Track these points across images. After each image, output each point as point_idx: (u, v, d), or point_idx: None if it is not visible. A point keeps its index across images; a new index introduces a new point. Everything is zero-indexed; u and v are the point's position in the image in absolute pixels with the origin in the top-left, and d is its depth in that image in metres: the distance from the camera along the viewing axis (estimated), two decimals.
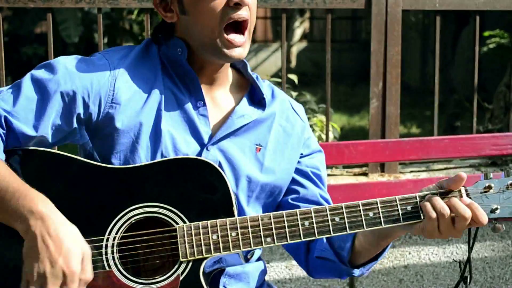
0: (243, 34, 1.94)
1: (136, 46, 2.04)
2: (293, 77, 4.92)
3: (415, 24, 13.35)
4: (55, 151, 1.89)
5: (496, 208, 1.83)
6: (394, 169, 3.88)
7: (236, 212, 1.86)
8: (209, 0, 1.89)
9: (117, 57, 1.97)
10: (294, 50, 16.78)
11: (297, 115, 2.17)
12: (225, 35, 1.91)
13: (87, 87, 1.89)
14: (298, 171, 2.13)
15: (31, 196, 1.70)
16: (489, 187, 1.85)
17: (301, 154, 2.15)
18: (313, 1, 3.77)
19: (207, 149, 1.97)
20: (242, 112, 2.03)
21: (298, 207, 2.06)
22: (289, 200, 2.12)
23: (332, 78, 3.92)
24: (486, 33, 9.62)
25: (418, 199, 1.85)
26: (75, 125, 1.91)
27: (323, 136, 4.38)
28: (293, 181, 2.13)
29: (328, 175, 3.84)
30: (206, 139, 1.98)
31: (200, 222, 1.83)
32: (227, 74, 2.09)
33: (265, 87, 2.13)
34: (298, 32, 16.87)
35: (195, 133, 1.98)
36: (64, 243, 1.65)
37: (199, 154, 1.96)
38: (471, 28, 9.83)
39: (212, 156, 1.97)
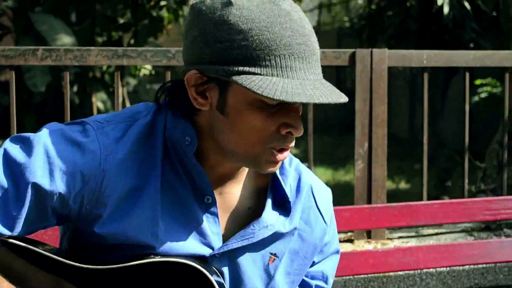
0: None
1: (141, 117, 1.74)
2: None
3: (402, 72, 13.49)
4: (23, 244, 1.70)
5: None
6: (381, 235, 3.88)
7: None
8: (259, 118, 1.58)
9: (113, 138, 1.68)
10: None
11: (320, 215, 1.87)
12: (272, 154, 1.62)
13: (68, 183, 1.63)
14: (302, 283, 1.91)
15: None
16: None
17: (313, 262, 1.90)
18: None
19: (215, 256, 1.74)
20: (267, 222, 1.76)
21: None
22: None
23: (317, 129, 3.94)
24: (478, 82, 9.73)
25: None
26: (50, 218, 1.69)
27: None
28: None
29: None
30: (215, 243, 1.74)
31: None
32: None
33: (291, 174, 1.83)
34: None
35: (202, 236, 1.73)
36: None
37: (206, 261, 1.74)
38: (461, 78, 9.96)
39: (218, 266, 1.75)
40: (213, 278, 1.68)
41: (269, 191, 1.78)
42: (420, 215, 3.52)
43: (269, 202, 1.77)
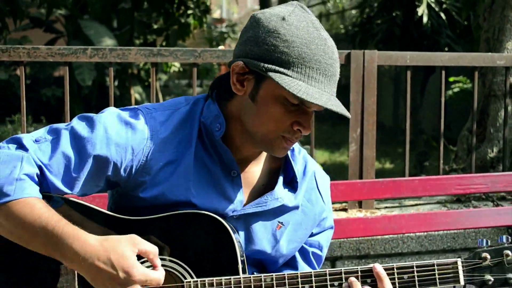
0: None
1: (182, 106, 1.86)
2: None
3: (388, 71, 13.44)
4: (80, 201, 1.80)
5: (489, 280, 1.75)
6: (370, 205, 3.88)
7: (241, 271, 1.75)
8: (280, 111, 1.69)
9: (158, 121, 1.80)
10: None
11: (319, 195, 1.97)
12: (282, 140, 1.74)
13: (121, 154, 1.75)
14: (300, 249, 1.99)
15: (71, 232, 1.63)
16: (484, 259, 1.75)
17: (312, 233, 1.99)
18: None
19: (233, 217, 1.84)
20: (278, 195, 1.86)
21: (289, 269, 1.98)
22: (282, 270, 1.98)
23: (316, 118, 3.94)
24: (451, 79, 9.70)
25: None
26: (103, 184, 1.80)
27: None
28: (292, 258, 1.99)
29: None
30: (237, 207, 1.84)
31: (207, 279, 1.74)
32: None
33: (299, 160, 1.94)
34: None
35: (228, 200, 1.82)
36: (112, 257, 1.59)
37: (224, 217, 1.82)
38: (437, 76, 9.91)
39: (235, 221, 1.84)
40: (231, 232, 1.76)
41: (281, 172, 1.90)
42: (403, 189, 3.52)
43: (280, 179, 1.88)
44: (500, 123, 4.83)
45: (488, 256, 1.75)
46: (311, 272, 1.76)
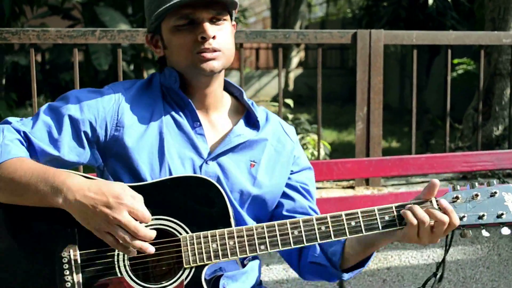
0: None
1: (141, 80, 2.02)
2: (289, 101, 4.81)
3: (394, 53, 13.24)
4: (69, 171, 1.79)
5: (464, 216, 1.79)
6: (377, 182, 3.75)
7: (233, 223, 1.79)
8: (180, 37, 1.88)
9: (122, 88, 1.96)
10: (292, 75, 16.67)
11: (287, 136, 2.10)
12: (200, 55, 1.88)
13: (93, 113, 1.87)
14: (288, 185, 2.06)
15: (59, 173, 1.70)
16: (457, 198, 1.80)
17: (292, 171, 2.07)
18: (306, 36, 3.66)
19: (206, 163, 1.92)
20: (239, 132, 1.98)
21: (290, 218, 1.95)
22: (282, 212, 2.04)
23: (324, 99, 3.82)
24: (456, 61, 9.52)
25: (394, 209, 1.79)
26: (86, 145, 1.88)
27: (316, 153, 4.26)
28: (284, 195, 2.05)
29: (320, 188, 3.72)
30: (205, 154, 1.92)
31: (202, 232, 1.77)
32: (221, 99, 2.03)
33: (260, 111, 2.08)
34: (295, 60, 16.78)
35: (195, 149, 1.92)
36: (102, 188, 1.66)
37: (200, 167, 1.91)
38: (442, 57, 9.72)
39: (211, 169, 1.92)
40: (222, 190, 1.81)
41: (243, 116, 2.02)
42: (409, 166, 3.41)
43: (241, 121, 2.00)
44: (506, 102, 4.69)
45: (460, 196, 1.81)
46: (299, 219, 1.79)
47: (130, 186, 1.75)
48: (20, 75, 12.78)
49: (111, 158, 1.90)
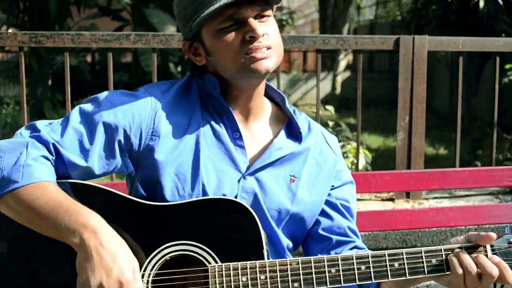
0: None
1: (179, 81, 1.84)
2: (330, 107, 4.66)
3: (444, 57, 12.90)
4: (95, 184, 1.69)
5: None
6: (418, 195, 3.58)
7: (266, 255, 1.63)
8: (225, 39, 1.71)
9: (159, 92, 1.78)
10: (339, 79, 16.43)
11: (330, 148, 1.93)
12: (250, 56, 1.70)
13: (128, 120, 1.72)
14: (328, 202, 1.89)
15: (82, 212, 1.54)
16: None
17: (332, 186, 1.90)
18: (346, 42, 3.51)
19: (244, 178, 1.76)
20: (280, 145, 1.81)
21: (327, 238, 1.86)
22: (318, 231, 1.88)
23: (372, 103, 3.71)
24: (507, 66, 9.19)
25: (443, 252, 1.61)
26: (118, 155, 1.72)
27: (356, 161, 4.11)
28: (323, 212, 1.88)
29: (358, 199, 3.57)
30: (243, 168, 1.77)
31: (231, 264, 1.61)
32: (263, 106, 1.86)
33: (302, 120, 1.91)
34: (342, 63, 16.52)
35: (233, 162, 1.76)
36: (117, 254, 1.49)
37: (238, 181, 1.75)
38: (492, 63, 9.40)
39: (248, 185, 1.76)
40: (256, 217, 1.65)
41: (284, 126, 1.86)
42: (452, 180, 3.23)
43: (282, 132, 1.85)
44: None
45: None
46: (337, 256, 1.63)
47: (159, 206, 1.65)
48: (70, 75, 12.98)
49: (144, 169, 1.75)
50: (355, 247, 1.88)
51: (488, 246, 1.60)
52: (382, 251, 1.62)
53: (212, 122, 1.78)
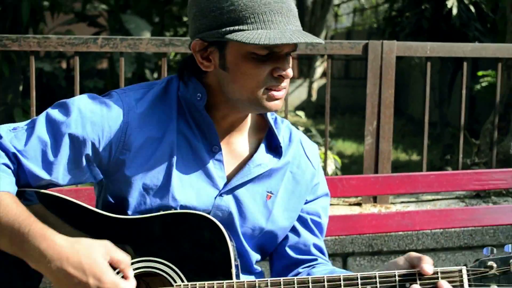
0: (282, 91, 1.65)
1: (157, 85, 1.71)
2: (300, 113, 4.68)
3: (418, 64, 13.01)
4: (58, 194, 1.62)
5: None
6: (385, 200, 3.60)
7: (234, 275, 1.58)
8: (253, 66, 1.57)
9: (133, 99, 1.66)
10: (315, 85, 16.48)
11: (309, 161, 1.83)
12: (269, 93, 1.60)
13: (98, 133, 1.61)
14: (299, 218, 1.83)
15: (37, 232, 1.47)
16: (491, 267, 1.56)
17: (306, 200, 1.84)
18: (315, 47, 3.53)
19: (220, 195, 1.69)
20: (259, 161, 1.73)
21: (289, 256, 1.82)
22: (285, 248, 1.83)
23: (348, 110, 3.72)
24: (480, 73, 9.29)
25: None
26: (85, 168, 1.63)
27: (326, 168, 4.12)
28: (292, 228, 1.83)
29: None
30: (220, 185, 1.69)
31: (198, 283, 1.56)
32: (248, 120, 1.76)
33: (283, 129, 1.81)
34: (319, 70, 16.57)
35: (210, 179, 1.68)
36: (83, 261, 1.44)
37: (213, 200, 1.68)
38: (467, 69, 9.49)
39: (224, 203, 1.69)
40: (225, 233, 1.59)
41: (264, 139, 1.77)
42: (418, 184, 3.26)
43: (262, 146, 1.75)
44: None
45: (495, 265, 1.56)
46: (308, 277, 1.58)
47: (125, 220, 1.59)
48: (45, 81, 12.84)
49: (113, 182, 1.67)
50: (317, 264, 1.84)
51: (464, 271, 1.57)
52: (355, 273, 1.59)
53: (189, 135, 1.68)
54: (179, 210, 1.63)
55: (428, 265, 1.56)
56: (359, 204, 3.53)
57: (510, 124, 4.57)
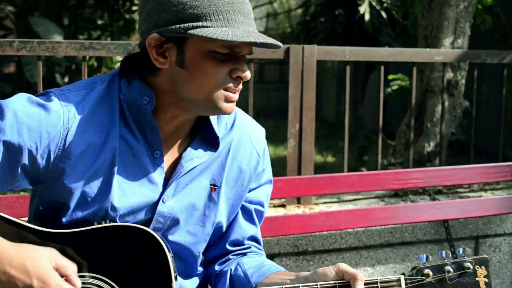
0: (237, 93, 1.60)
1: (98, 84, 1.61)
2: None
3: (331, 68, 13.33)
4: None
5: None
6: (309, 201, 3.66)
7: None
8: (213, 65, 1.53)
9: (74, 102, 1.56)
10: None
11: (253, 148, 1.77)
12: (226, 94, 1.56)
13: (35, 140, 1.50)
14: (242, 207, 1.80)
15: None
16: (427, 275, 1.61)
17: (250, 188, 1.79)
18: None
19: (163, 201, 1.63)
20: (192, 155, 1.66)
21: (226, 249, 1.80)
22: (222, 239, 1.81)
23: (262, 114, 3.72)
24: (390, 77, 9.62)
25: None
26: (19, 176, 1.54)
27: None
28: (233, 218, 1.80)
29: None
30: (161, 188, 1.64)
31: None
32: (192, 122, 1.69)
33: (226, 117, 1.74)
34: None
35: (152, 184, 1.62)
36: (27, 263, 1.40)
37: (155, 207, 1.63)
38: (377, 73, 9.80)
39: (167, 209, 1.64)
40: (165, 246, 1.54)
41: (200, 133, 1.69)
42: (341, 184, 3.34)
43: (196, 140, 1.68)
44: (437, 118, 4.69)
45: (431, 273, 1.62)
46: None
47: (59, 233, 1.51)
48: None
49: (49, 189, 1.59)
50: (249, 253, 1.82)
51: (402, 279, 1.59)
52: (314, 283, 1.56)
53: (130, 139, 1.60)
54: (116, 223, 1.57)
55: (361, 286, 1.56)
56: (283, 206, 3.57)
57: (423, 125, 4.76)
